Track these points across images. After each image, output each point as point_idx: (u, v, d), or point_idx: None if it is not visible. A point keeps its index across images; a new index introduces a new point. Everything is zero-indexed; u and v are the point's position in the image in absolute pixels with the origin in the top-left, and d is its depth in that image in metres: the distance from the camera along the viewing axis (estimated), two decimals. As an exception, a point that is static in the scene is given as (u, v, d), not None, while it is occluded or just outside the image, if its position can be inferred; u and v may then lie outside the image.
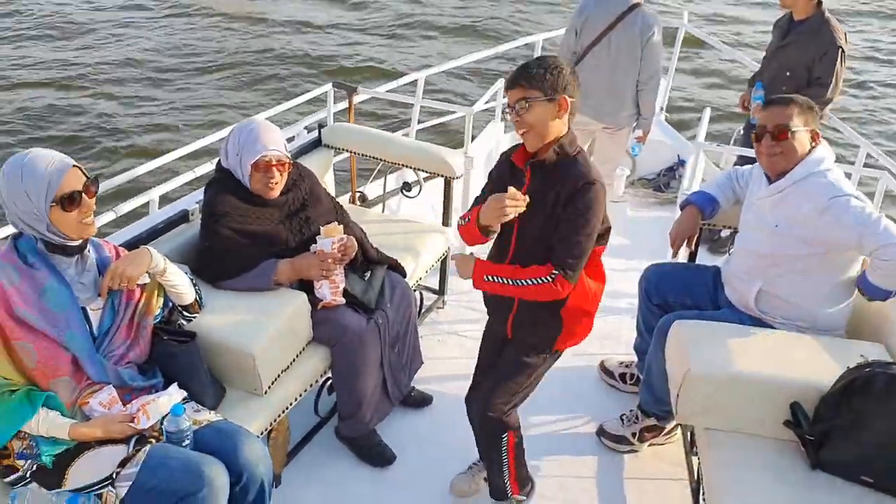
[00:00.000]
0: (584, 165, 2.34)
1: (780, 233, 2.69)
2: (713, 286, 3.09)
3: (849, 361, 2.38)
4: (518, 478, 2.74)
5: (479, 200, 2.49)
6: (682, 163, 5.59)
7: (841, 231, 2.57)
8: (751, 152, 4.16)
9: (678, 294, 3.09)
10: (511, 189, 2.27)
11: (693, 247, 3.47)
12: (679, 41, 6.02)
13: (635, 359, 3.45)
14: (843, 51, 4.27)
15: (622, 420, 3.22)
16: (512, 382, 2.61)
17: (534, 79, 2.26)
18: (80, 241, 2.22)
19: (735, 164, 5.07)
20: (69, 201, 2.10)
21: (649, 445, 3.21)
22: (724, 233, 3.36)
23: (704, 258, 4.11)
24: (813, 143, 2.70)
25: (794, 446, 2.42)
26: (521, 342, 2.60)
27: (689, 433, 3.06)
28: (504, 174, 2.49)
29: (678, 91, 9.34)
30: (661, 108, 6.07)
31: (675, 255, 3.16)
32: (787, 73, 4.38)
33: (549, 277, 2.33)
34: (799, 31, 4.37)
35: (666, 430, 3.21)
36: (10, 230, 2.40)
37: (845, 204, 2.56)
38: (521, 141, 2.41)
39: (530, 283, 2.36)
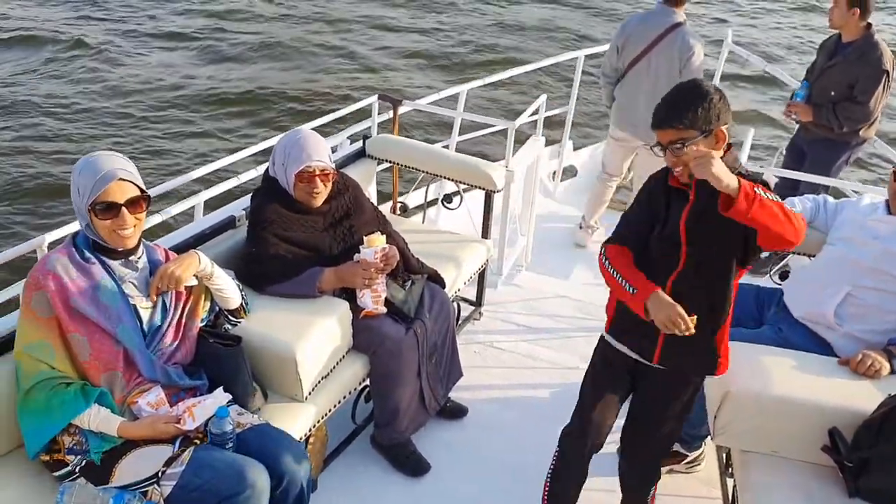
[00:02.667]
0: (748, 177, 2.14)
1: (892, 252, 2.73)
2: (755, 305, 3.09)
3: (890, 389, 2.37)
4: None
5: (627, 222, 2.40)
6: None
7: None
8: (793, 174, 4.17)
9: None
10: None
11: None
12: (722, 58, 5.99)
13: None
14: (888, 75, 4.22)
15: None
16: (672, 428, 2.48)
17: (685, 119, 2.09)
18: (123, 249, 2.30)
19: (775, 184, 5.02)
20: (103, 209, 2.20)
21: (668, 472, 3.12)
22: (764, 254, 3.34)
23: (745, 278, 4.09)
24: None
25: (833, 472, 2.41)
26: (671, 371, 2.37)
27: (724, 454, 3.04)
28: (658, 197, 2.33)
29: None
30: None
31: None
32: (832, 94, 4.34)
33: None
34: (846, 52, 4.32)
35: (689, 460, 3.15)
36: (75, 227, 2.52)
37: None
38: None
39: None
